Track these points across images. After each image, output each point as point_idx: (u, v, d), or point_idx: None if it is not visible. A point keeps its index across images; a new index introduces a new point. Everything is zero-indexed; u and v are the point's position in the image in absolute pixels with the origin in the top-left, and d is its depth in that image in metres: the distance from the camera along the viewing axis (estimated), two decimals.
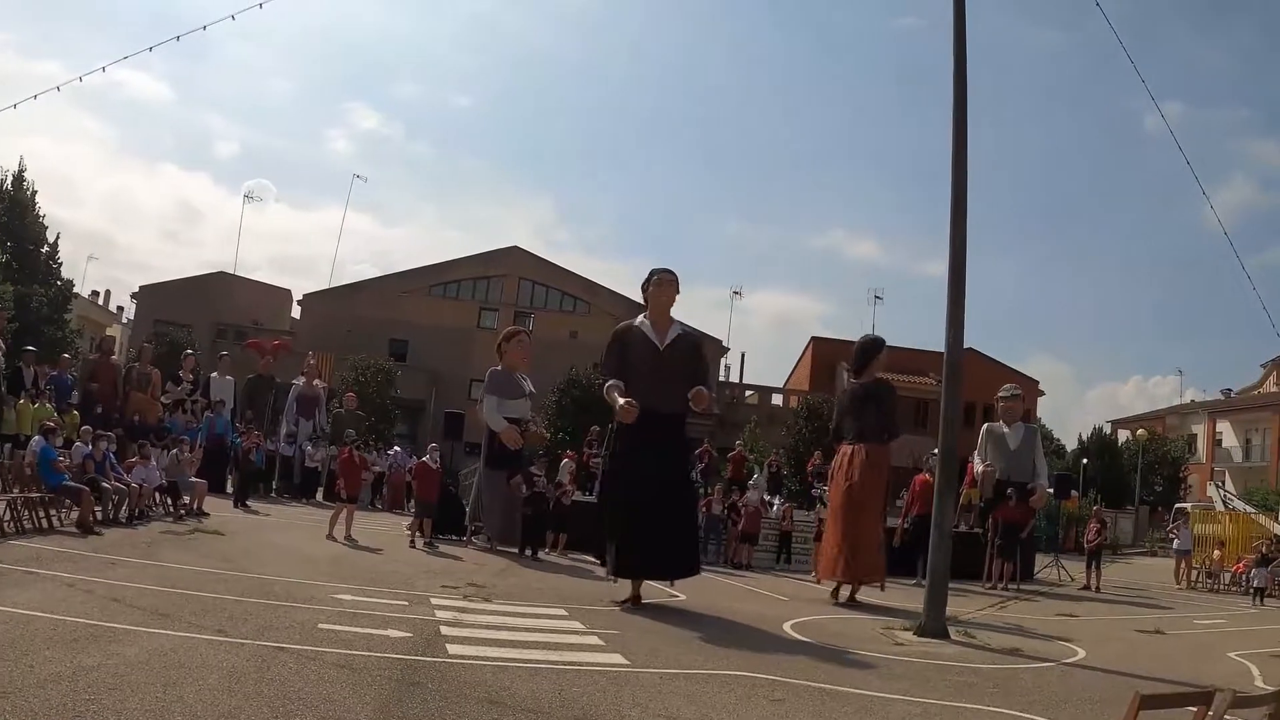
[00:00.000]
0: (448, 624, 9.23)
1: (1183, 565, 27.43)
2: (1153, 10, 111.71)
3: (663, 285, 12.53)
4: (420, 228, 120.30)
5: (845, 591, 15.18)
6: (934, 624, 11.97)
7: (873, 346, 16.33)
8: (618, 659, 8.39)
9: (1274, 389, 73.87)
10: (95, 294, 66.77)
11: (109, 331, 55.91)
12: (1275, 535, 31.25)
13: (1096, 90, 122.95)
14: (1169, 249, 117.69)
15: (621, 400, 11.85)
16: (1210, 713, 4.65)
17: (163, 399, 22.24)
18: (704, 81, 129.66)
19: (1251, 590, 24.04)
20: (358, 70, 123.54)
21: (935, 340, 13.45)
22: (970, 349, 14.23)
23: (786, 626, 11.57)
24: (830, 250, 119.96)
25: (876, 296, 69.63)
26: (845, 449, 15.56)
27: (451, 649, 8.02)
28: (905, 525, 20.57)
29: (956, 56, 13.00)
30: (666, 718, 6.51)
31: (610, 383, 12.25)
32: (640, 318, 12.62)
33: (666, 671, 8.07)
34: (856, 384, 16.16)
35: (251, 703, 5.64)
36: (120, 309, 67.77)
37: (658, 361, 12.26)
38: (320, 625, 8.32)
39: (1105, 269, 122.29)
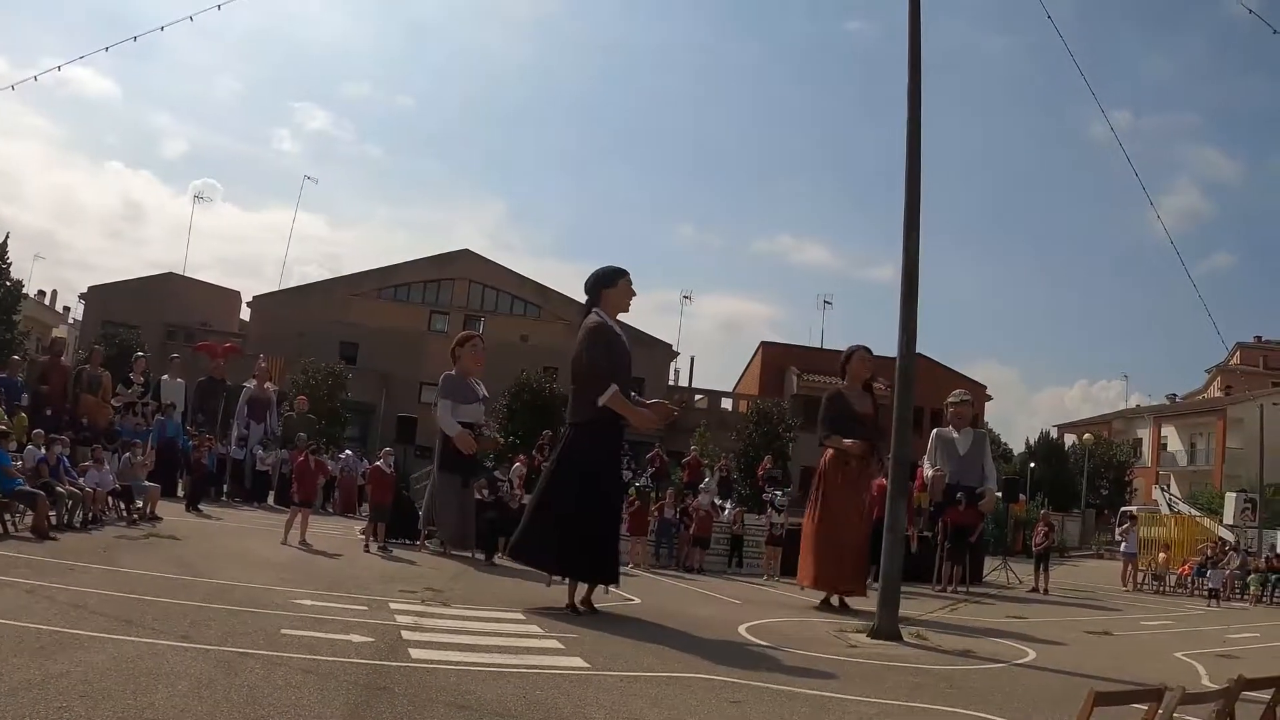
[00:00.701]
0: (408, 628, 9.30)
1: (1129, 568, 27.82)
2: (1102, 17, 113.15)
3: (629, 291, 12.64)
4: (370, 230, 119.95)
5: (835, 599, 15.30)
6: (887, 626, 12.14)
7: (847, 352, 16.75)
8: (579, 662, 8.50)
9: (1218, 394, 75.09)
10: (42, 294, 65.99)
11: (56, 333, 55.34)
12: (1219, 538, 31.79)
13: (1045, 96, 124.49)
14: (1115, 254, 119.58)
15: (652, 414, 12.41)
16: (1161, 709, 4.82)
17: (113, 402, 22.07)
18: (653, 85, 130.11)
19: (1207, 591, 24.48)
20: (305, 70, 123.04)
21: (885, 345, 13.62)
22: (919, 354, 14.37)
23: (741, 629, 11.72)
24: (778, 255, 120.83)
25: (826, 301, 70.43)
26: (828, 453, 15.67)
27: (414, 653, 8.08)
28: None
29: (911, 64, 13.21)
30: (629, 718, 6.63)
31: (617, 389, 11.99)
32: (607, 318, 12.35)
33: (627, 674, 8.19)
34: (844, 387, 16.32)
35: (222, 708, 5.70)
36: (67, 309, 67.16)
37: (628, 363, 12.44)
38: (283, 630, 8.36)
39: (1051, 274, 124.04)
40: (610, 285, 12.53)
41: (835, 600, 15.19)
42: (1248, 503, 38.65)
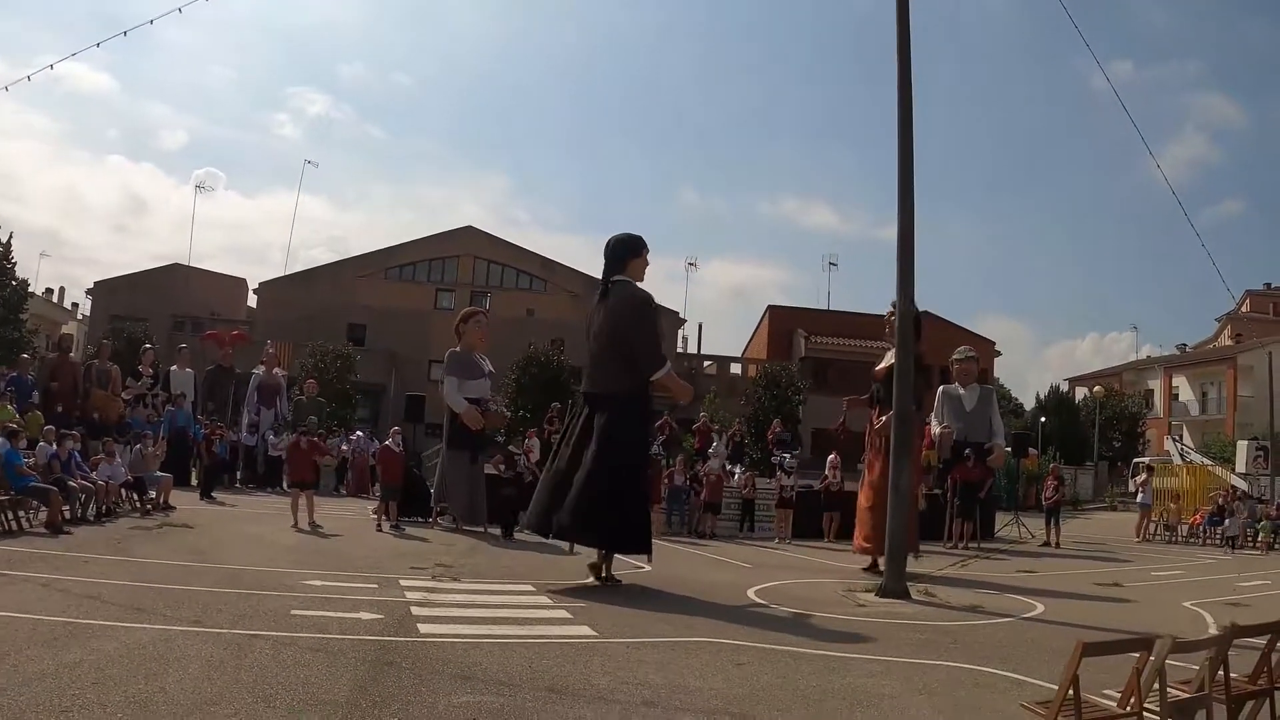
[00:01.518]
0: (418, 604, 9.44)
1: (1144, 520, 27.68)
2: None
3: (647, 260, 12.96)
4: (374, 210, 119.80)
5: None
6: (895, 584, 12.25)
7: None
8: (586, 631, 8.64)
9: (1228, 343, 74.79)
10: (49, 291, 66.00)
11: (65, 329, 55.36)
12: (1231, 486, 31.73)
13: (1048, 49, 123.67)
14: (1123, 205, 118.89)
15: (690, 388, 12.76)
16: (1151, 658, 4.88)
17: (123, 395, 22.19)
18: (654, 54, 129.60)
19: (1222, 539, 24.49)
20: (300, 54, 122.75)
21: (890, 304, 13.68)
22: (926, 312, 14.38)
23: (750, 593, 11.84)
24: (783, 218, 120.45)
25: (831, 263, 69.99)
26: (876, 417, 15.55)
27: (423, 628, 8.23)
28: None
29: (900, 23, 13.24)
30: (635, 685, 6.74)
31: (671, 364, 12.73)
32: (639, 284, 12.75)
33: (634, 641, 8.32)
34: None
35: (232, 689, 5.84)
36: (75, 306, 67.08)
37: None
38: (293, 611, 8.50)
39: (1060, 228, 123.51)
40: (636, 255, 12.76)
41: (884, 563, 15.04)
42: (1259, 450, 38.63)
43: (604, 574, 11.96)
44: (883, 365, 16.05)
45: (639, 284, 12.71)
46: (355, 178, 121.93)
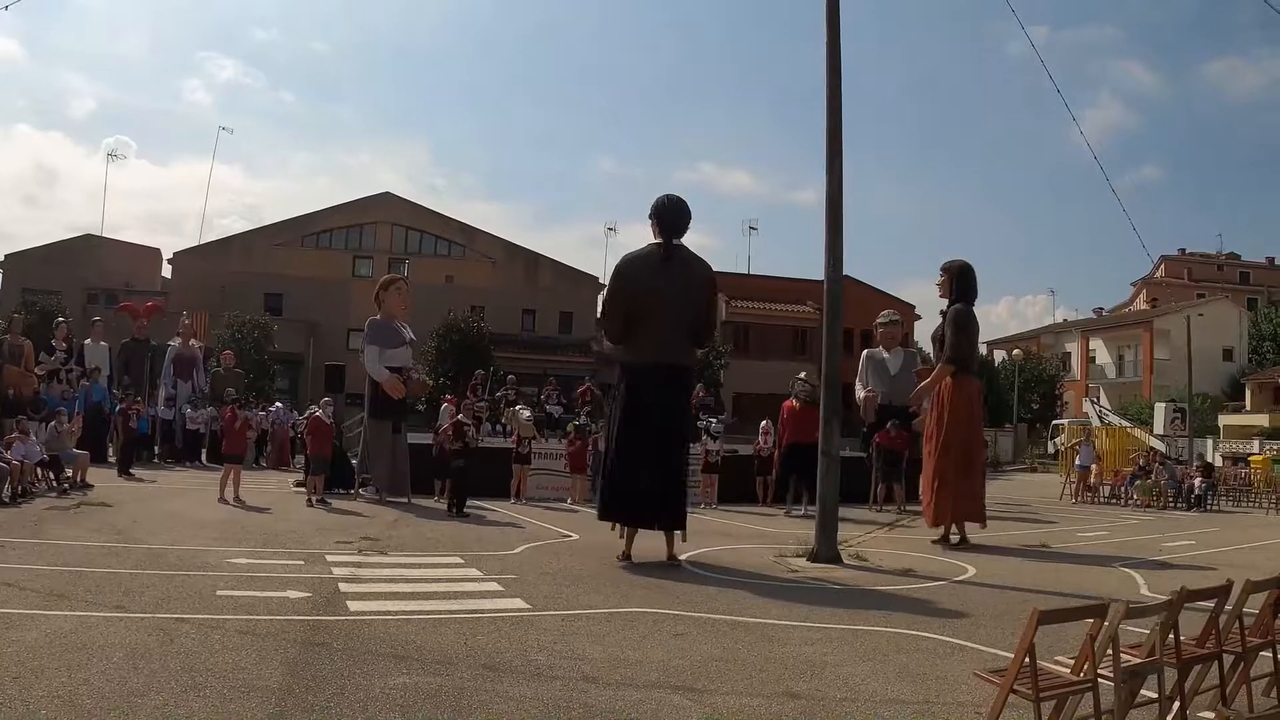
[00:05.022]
0: (346, 580, 9.30)
1: (1081, 482, 27.83)
2: None
3: None
4: (290, 179, 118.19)
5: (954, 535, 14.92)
6: (826, 550, 12.28)
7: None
8: (519, 604, 8.55)
9: (1144, 306, 76.22)
10: None
11: None
12: (1150, 447, 32.31)
13: (962, 11, 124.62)
14: (1040, 170, 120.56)
15: None
16: (1105, 624, 4.89)
17: (37, 370, 21.70)
18: (570, 19, 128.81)
19: (1192, 499, 24.93)
20: (210, 18, 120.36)
21: (812, 268, 13.72)
22: (848, 276, 14.33)
23: (682, 559, 11.78)
24: (702, 183, 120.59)
25: (751, 228, 70.58)
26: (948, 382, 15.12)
27: (352, 605, 8.09)
28: (779, 453, 20.50)
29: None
30: (574, 659, 6.66)
31: None
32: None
33: (569, 613, 8.25)
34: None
35: (159, 679, 5.66)
36: None
37: None
38: (218, 592, 8.33)
39: (978, 192, 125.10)
40: (689, 221, 12.61)
41: (955, 535, 14.87)
42: (1176, 412, 39.43)
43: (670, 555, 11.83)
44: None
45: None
46: (270, 146, 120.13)
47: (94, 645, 6.33)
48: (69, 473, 16.41)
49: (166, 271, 57.97)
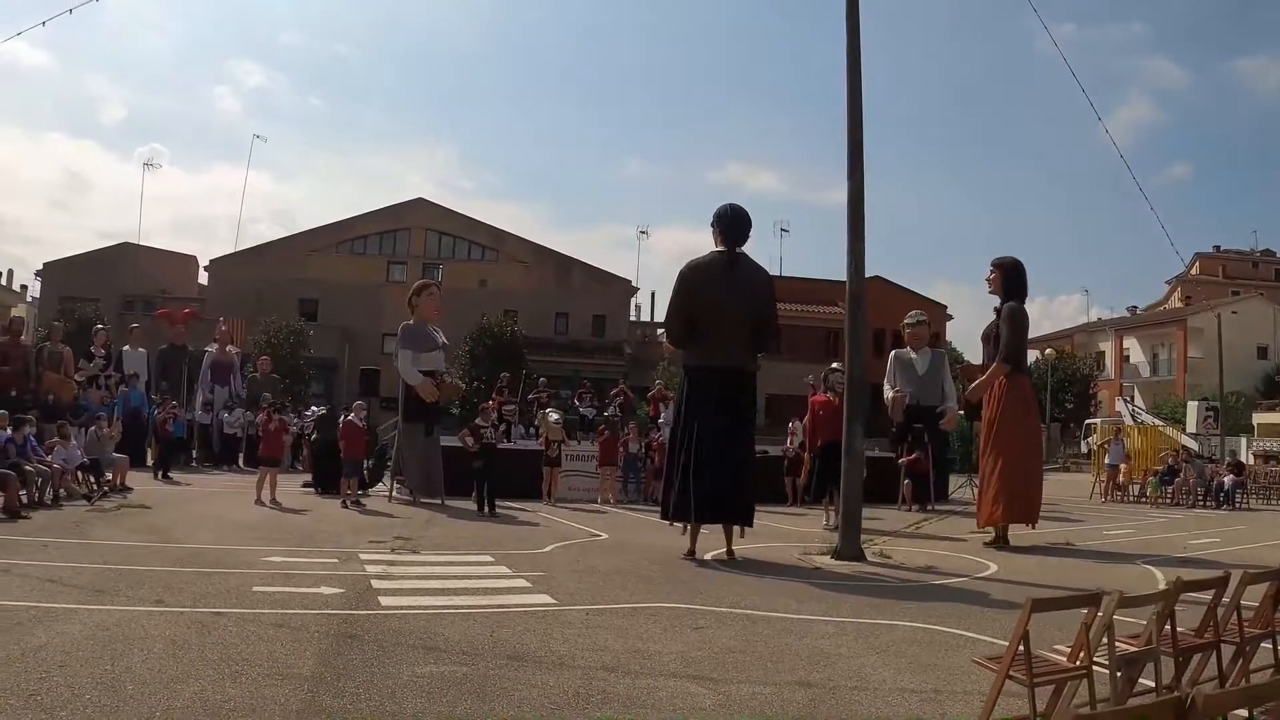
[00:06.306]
0: (378, 577, 9.54)
1: (1110, 480, 27.82)
2: None
3: None
4: (318, 182, 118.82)
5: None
6: (850, 547, 12.42)
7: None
8: (545, 599, 8.77)
9: (1178, 304, 75.70)
10: None
11: (15, 312, 54.80)
12: (1182, 446, 32.16)
13: (993, 11, 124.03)
14: (1072, 168, 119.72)
15: None
16: (1100, 613, 5.03)
17: (76, 377, 22.06)
18: (597, 21, 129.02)
19: (1220, 496, 24.99)
20: (236, 23, 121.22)
21: (842, 269, 13.82)
22: (877, 276, 14.50)
23: (707, 557, 11.98)
24: (731, 185, 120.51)
25: (783, 229, 70.13)
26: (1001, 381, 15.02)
27: (384, 601, 8.33)
28: (813, 455, 20.49)
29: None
30: (595, 650, 6.88)
31: None
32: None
33: (593, 608, 8.46)
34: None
35: (197, 667, 5.92)
36: (24, 288, 66.16)
37: None
38: (254, 588, 8.58)
39: (1009, 192, 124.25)
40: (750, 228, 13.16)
41: (992, 533, 14.92)
42: (1209, 411, 39.22)
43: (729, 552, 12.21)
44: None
45: None
46: (297, 151, 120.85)
47: (135, 637, 6.60)
48: (109, 476, 16.75)
49: (203, 278, 58.60)
